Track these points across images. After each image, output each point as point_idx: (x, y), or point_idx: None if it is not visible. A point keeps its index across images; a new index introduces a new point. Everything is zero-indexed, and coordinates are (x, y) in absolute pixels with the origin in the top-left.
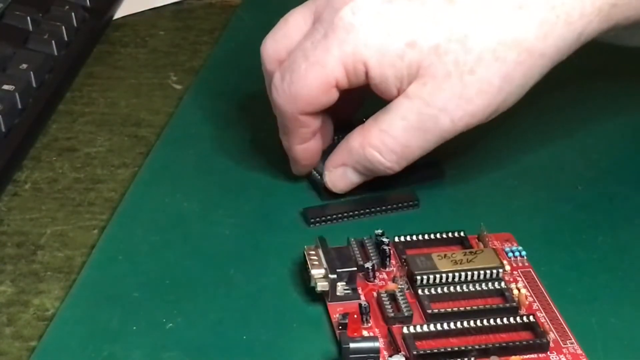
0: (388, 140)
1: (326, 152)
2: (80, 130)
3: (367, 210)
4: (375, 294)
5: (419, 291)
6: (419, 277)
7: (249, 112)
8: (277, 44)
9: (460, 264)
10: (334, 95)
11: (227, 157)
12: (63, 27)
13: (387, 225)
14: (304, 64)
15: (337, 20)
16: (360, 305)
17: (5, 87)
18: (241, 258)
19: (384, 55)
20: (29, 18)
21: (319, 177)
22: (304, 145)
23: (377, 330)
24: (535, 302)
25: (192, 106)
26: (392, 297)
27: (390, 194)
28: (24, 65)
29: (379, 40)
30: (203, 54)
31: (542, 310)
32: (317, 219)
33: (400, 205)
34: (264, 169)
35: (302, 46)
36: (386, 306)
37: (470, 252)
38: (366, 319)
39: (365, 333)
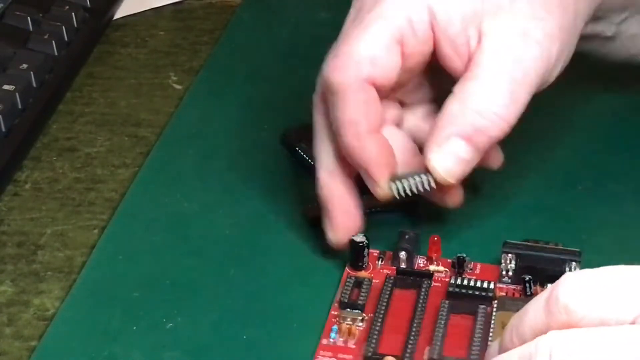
0: (492, 83)
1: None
2: (81, 130)
3: (367, 211)
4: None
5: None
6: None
7: (249, 112)
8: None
9: None
10: (397, 57)
11: (227, 157)
12: (63, 27)
13: (387, 225)
14: (361, 23)
15: None
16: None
17: (6, 87)
18: (241, 258)
19: None
20: (29, 18)
21: (414, 185)
22: (376, 137)
23: None
24: None
25: (192, 106)
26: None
27: None
28: (24, 65)
29: None
30: (203, 54)
31: None
32: (317, 219)
33: (400, 205)
34: (264, 169)
35: (355, 14)
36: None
37: None
38: None
39: None
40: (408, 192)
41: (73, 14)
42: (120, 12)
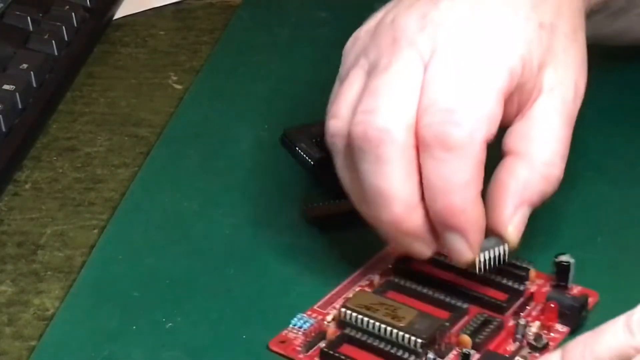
0: (556, 146)
1: None
2: (81, 130)
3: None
4: None
5: None
6: None
7: (249, 112)
8: (400, 110)
9: None
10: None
11: (227, 157)
12: (63, 27)
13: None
14: (475, 76)
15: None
16: None
17: (6, 87)
18: (241, 258)
19: (529, 42)
20: (29, 18)
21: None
22: (480, 200)
23: None
24: None
25: (192, 106)
26: None
27: None
28: (24, 65)
29: (523, 31)
30: (203, 54)
31: None
32: (317, 219)
33: None
34: (264, 169)
35: (460, 73)
36: None
37: None
38: None
39: None
40: (488, 265)
41: (73, 13)
42: (120, 12)
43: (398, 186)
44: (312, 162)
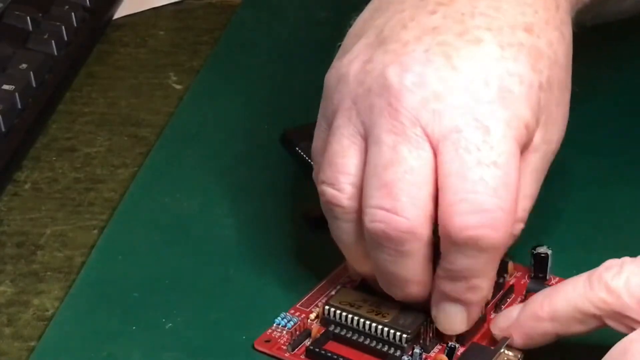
0: (526, 203)
1: None
2: (80, 130)
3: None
4: None
5: None
6: None
7: (249, 112)
8: (419, 208)
9: None
10: None
11: (227, 157)
12: (63, 27)
13: None
14: (495, 172)
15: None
16: None
17: (5, 87)
18: (241, 258)
19: (533, 109)
20: (28, 18)
21: None
22: None
23: None
24: None
25: (192, 106)
26: None
27: None
28: (24, 65)
29: (528, 100)
30: (203, 54)
31: None
32: (317, 219)
33: None
34: (264, 169)
35: (473, 157)
36: None
37: None
38: None
39: None
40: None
41: (73, 13)
42: (120, 12)
43: (418, 273)
44: (312, 162)
